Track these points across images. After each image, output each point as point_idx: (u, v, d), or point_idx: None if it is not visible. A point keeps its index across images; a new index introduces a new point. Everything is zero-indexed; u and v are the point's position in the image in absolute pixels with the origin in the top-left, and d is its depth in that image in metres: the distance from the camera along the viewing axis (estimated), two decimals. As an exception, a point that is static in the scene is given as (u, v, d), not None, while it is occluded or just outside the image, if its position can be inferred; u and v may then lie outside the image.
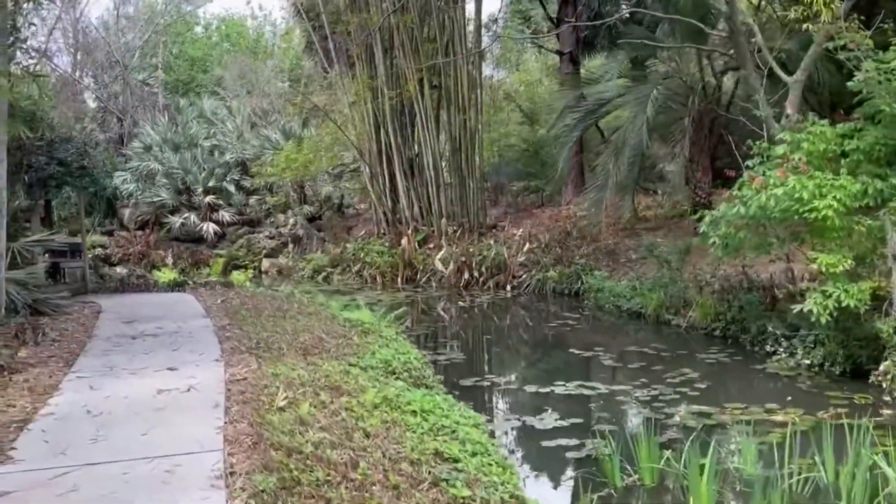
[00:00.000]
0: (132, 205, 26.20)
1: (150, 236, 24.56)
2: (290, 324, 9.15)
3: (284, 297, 12.27)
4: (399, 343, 8.29)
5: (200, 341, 8.20)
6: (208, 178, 25.66)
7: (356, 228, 25.18)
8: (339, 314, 10.18)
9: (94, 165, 12.70)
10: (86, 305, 11.25)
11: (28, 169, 11.44)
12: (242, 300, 11.94)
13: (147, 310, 10.80)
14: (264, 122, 27.95)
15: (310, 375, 6.40)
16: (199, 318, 9.93)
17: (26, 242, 10.04)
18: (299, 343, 7.89)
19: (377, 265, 19.81)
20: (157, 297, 12.43)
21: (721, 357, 9.48)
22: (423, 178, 21.49)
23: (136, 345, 8.05)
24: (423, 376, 7.16)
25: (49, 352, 7.70)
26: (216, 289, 13.34)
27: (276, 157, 23.24)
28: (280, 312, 10.27)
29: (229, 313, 10.32)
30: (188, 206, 25.64)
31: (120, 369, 6.83)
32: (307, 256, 22.62)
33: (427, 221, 21.32)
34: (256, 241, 24.70)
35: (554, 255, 17.02)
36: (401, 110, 21.43)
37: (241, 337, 8.34)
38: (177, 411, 5.46)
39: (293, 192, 25.45)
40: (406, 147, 21.59)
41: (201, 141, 26.88)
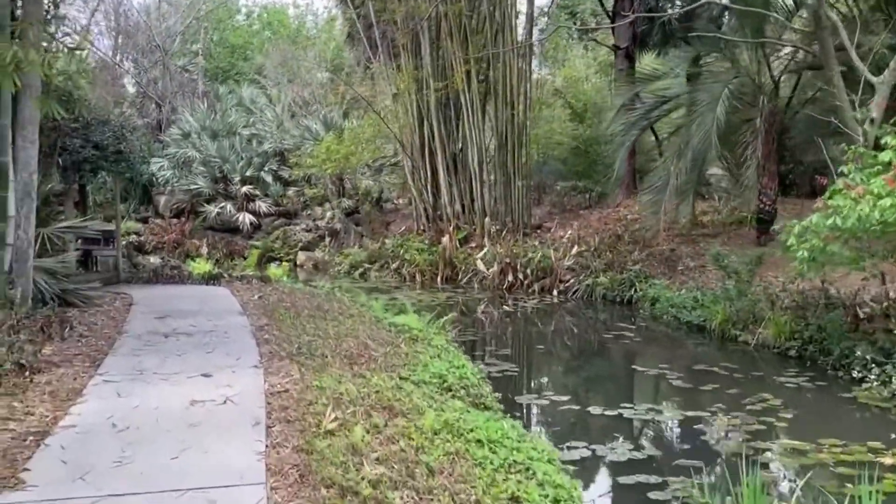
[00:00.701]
0: (168, 192, 25.89)
1: (185, 225, 24.22)
2: (332, 326, 8.54)
3: (324, 296, 11.68)
4: (452, 354, 7.62)
5: (237, 343, 7.62)
6: (246, 168, 25.24)
7: (394, 224, 24.60)
8: (384, 317, 9.54)
9: (131, 150, 12.23)
10: (117, 297, 10.76)
11: (62, 151, 10.99)
12: (280, 297, 11.38)
13: (181, 304, 10.27)
14: (305, 112, 27.47)
15: (358, 391, 5.75)
16: (236, 316, 9.37)
17: (57, 228, 9.57)
18: (343, 350, 7.26)
19: (416, 263, 19.17)
20: (191, 289, 11.92)
21: (802, 381, 8.65)
22: (466, 174, 20.81)
23: (169, 344, 7.49)
24: (480, 394, 6.49)
25: (76, 349, 7.16)
26: (252, 283, 12.78)
27: (316, 148, 22.71)
28: (321, 313, 9.67)
29: (267, 311, 9.75)
30: (224, 196, 25.27)
31: (150, 373, 6.25)
32: (344, 251, 22.08)
33: (469, 219, 20.65)
34: (293, 233, 24.23)
35: (605, 260, 16.22)
36: (445, 103, 20.76)
37: (281, 339, 7.74)
38: (212, 429, 4.84)
39: (331, 185, 24.93)
40: (450, 141, 20.92)
41: (240, 129, 26.48)
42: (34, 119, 7.74)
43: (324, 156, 21.61)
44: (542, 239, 19.00)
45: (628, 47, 20.74)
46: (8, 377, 5.77)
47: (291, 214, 25.75)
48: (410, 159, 21.41)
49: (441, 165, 20.63)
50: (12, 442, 4.55)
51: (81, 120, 11.51)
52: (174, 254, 23.08)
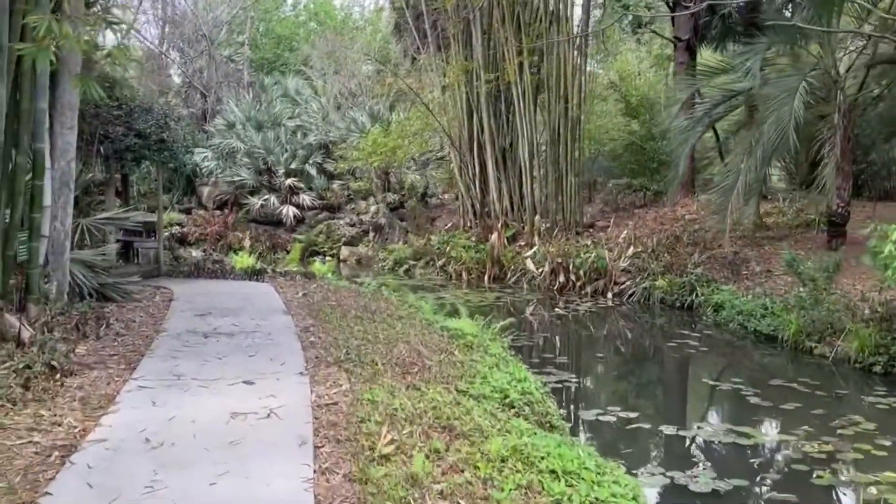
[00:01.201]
0: (212, 183, 25.76)
1: (228, 217, 24.04)
2: (381, 330, 8.04)
3: (371, 295, 11.22)
4: (511, 364, 7.06)
5: (281, 346, 7.17)
6: (290, 160, 24.97)
7: (440, 220, 24.10)
8: (435, 320, 9.02)
9: (174, 139, 11.91)
10: (157, 291, 10.44)
11: (104, 140, 10.69)
12: (325, 294, 10.95)
13: (222, 301, 9.89)
14: (350, 104, 27.10)
15: (414, 406, 5.24)
16: (279, 315, 8.94)
17: (97, 219, 9.26)
18: (395, 357, 6.76)
19: (463, 261, 18.62)
20: (233, 285, 11.56)
21: (894, 403, 7.89)
22: (515, 169, 20.19)
23: (209, 346, 7.07)
24: (546, 412, 5.91)
25: (111, 349, 6.78)
26: (296, 279, 12.39)
27: (361, 141, 22.28)
28: (368, 313, 9.19)
29: (312, 311, 9.31)
30: (268, 188, 25.03)
31: (189, 379, 5.82)
32: (388, 247, 21.63)
33: (517, 216, 20.03)
34: (336, 227, 23.87)
35: (663, 262, 15.46)
36: (496, 95, 20.15)
37: (327, 343, 7.26)
38: (254, 448, 4.37)
39: (377, 179, 24.51)
40: (499, 135, 20.31)
41: (285, 121, 26.21)
42: (73, 104, 7.38)
43: (370, 149, 21.16)
44: (595, 238, 18.29)
45: (689, 39, 19.88)
46: (38, 380, 5.38)
47: (335, 208, 25.41)
48: (458, 153, 20.86)
49: (490, 160, 20.04)
50: (35, 458, 4.14)
51: (124, 107, 11.21)
52: (217, 246, 22.92)
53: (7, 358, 5.58)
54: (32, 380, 5.33)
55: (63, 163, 7.37)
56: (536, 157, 19.53)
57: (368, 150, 21.29)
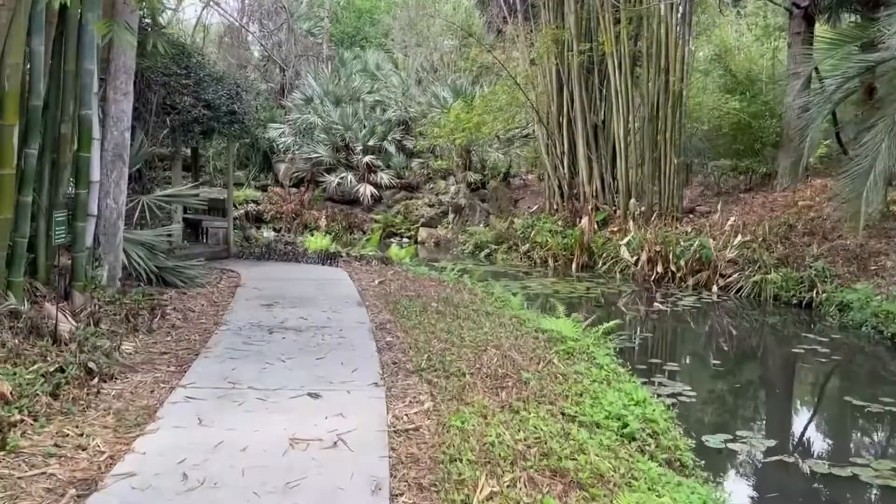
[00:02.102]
0: (288, 160, 25.28)
1: (304, 194, 23.51)
2: (467, 329, 7.07)
3: (452, 285, 10.27)
4: (624, 379, 5.97)
5: (353, 346, 6.29)
6: (368, 137, 24.21)
7: (523, 201, 22.94)
8: (527, 318, 7.99)
9: (246, 112, 11.19)
10: (223, 275, 9.76)
11: (171, 110, 10.03)
12: (403, 283, 10.07)
13: (292, 288, 9.12)
14: (432, 78, 26.13)
15: (513, 437, 4.24)
16: (353, 307, 8.09)
17: (159, 196, 8.59)
18: (484, 365, 5.77)
19: (549, 247, 17.48)
20: (305, 270, 10.81)
21: None
22: (608, 148, 18.85)
23: (273, 344, 6.24)
24: (675, 446, 4.82)
25: (163, 345, 6.03)
26: (372, 264, 11.56)
27: (443, 117, 21.24)
28: (451, 308, 8.24)
29: (388, 302, 8.43)
30: (346, 166, 24.37)
31: (245, 387, 4.99)
32: (469, 229, 20.64)
33: (609, 199, 18.72)
34: (414, 207, 23.03)
35: (776, 254, 13.96)
36: (589, 68, 18.80)
37: (406, 345, 6.34)
38: (315, 493, 3.46)
39: (457, 158, 23.49)
40: (591, 111, 18.98)
41: (364, 96, 25.44)
42: (128, 66, 6.63)
43: (452, 125, 20.11)
44: (696, 225, 16.83)
45: (807, 8, 18.01)
46: (69, 387, 4.63)
47: (414, 188, 24.57)
48: (546, 130, 19.62)
49: (580, 138, 18.75)
50: (46, 497, 3.33)
51: (193, 76, 10.52)
52: (292, 225, 22.45)
53: (39, 358, 4.85)
54: (63, 386, 4.58)
55: (116, 133, 6.64)
56: (632, 135, 18.12)
57: (450, 127, 20.24)
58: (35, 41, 5.14)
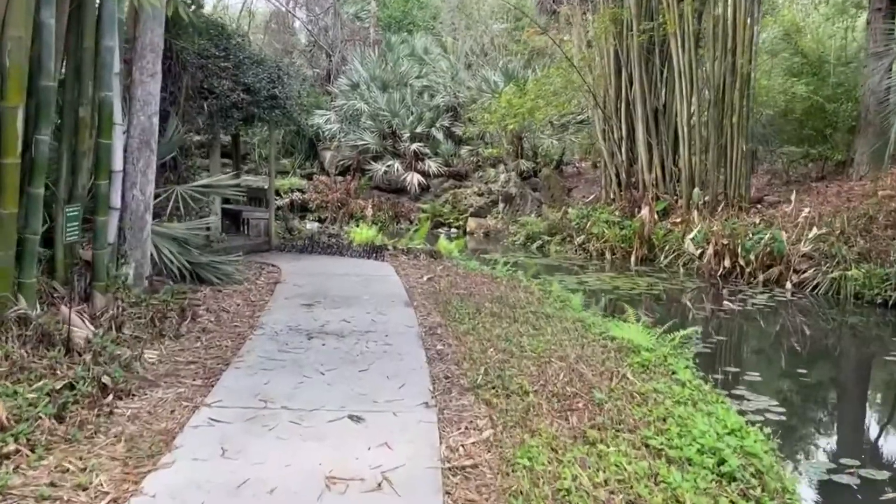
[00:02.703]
0: (334, 147, 24.79)
1: (350, 183, 22.99)
2: (526, 335, 6.38)
3: (506, 282, 9.57)
4: (710, 399, 5.20)
5: (401, 355, 5.65)
6: (416, 123, 23.56)
7: (576, 190, 22.07)
8: (590, 322, 7.25)
9: (288, 96, 10.61)
10: (262, 271, 9.22)
11: (209, 95, 9.50)
12: (453, 280, 9.41)
13: (335, 285, 8.53)
14: (482, 62, 25.32)
15: (592, 480, 3.55)
16: (400, 307, 7.46)
17: (194, 187, 8.06)
18: (549, 381, 5.09)
19: (605, 238, 16.63)
20: (349, 264, 10.22)
21: None
22: (669, 134, 17.87)
23: (311, 352, 5.64)
24: (782, 488, 4.05)
25: (190, 353, 5.47)
26: (420, 258, 10.92)
27: (494, 102, 20.42)
28: (506, 308, 7.56)
29: (438, 302, 7.78)
30: (392, 153, 23.78)
31: (278, 407, 4.39)
32: (520, 219, 19.86)
33: (669, 188, 17.75)
34: (463, 196, 22.33)
35: (857, 248, 12.90)
36: (649, 49, 17.82)
37: (459, 355, 5.68)
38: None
39: (508, 145, 22.68)
40: (652, 94, 18.00)
41: (412, 81, 24.76)
42: (156, 45, 6.07)
43: (503, 110, 19.30)
44: (765, 216, 15.79)
45: (892, -20, 16.73)
46: (78, 406, 4.07)
47: (462, 176, 23.86)
48: (603, 115, 18.72)
49: (640, 122, 17.81)
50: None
51: (232, 58, 9.98)
52: (338, 214, 21.98)
53: (47, 372, 4.31)
54: (70, 406, 4.03)
55: (143, 117, 6.09)
56: (696, 120, 17.11)
57: (502, 112, 19.43)
58: (45, 13, 4.58)
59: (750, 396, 6.85)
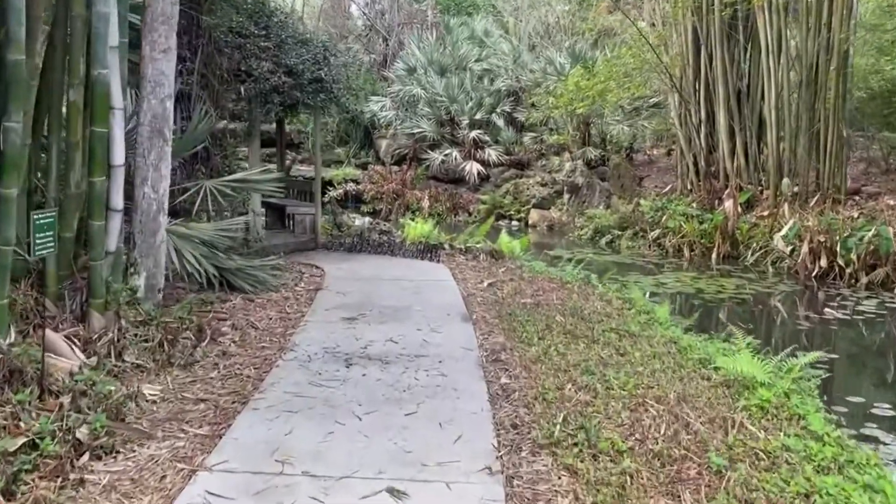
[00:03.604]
0: (390, 136, 23.88)
1: (406, 173, 22.05)
2: (609, 363, 5.27)
3: (578, 287, 8.44)
4: (860, 460, 4.02)
5: (457, 392, 4.63)
6: (475, 109, 22.43)
7: (648, 180, 20.67)
8: (686, 343, 6.09)
9: (335, 79, 9.66)
10: (303, 275, 8.30)
11: (246, 78, 8.61)
12: (517, 285, 8.33)
13: (384, 292, 7.54)
14: (546, 43, 24.02)
15: None
16: (456, 322, 6.42)
17: (225, 181, 7.15)
18: (648, 434, 3.98)
19: (683, 233, 15.28)
20: (400, 266, 9.24)
21: None
22: (754, 118, 16.37)
23: (348, 385, 4.66)
24: None
25: (202, 386, 4.54)
26: (479, 259, 9.87)
27: (560, 85, 19.12)
28: (582, 323, 6.46)
29: (502, 315, 6.71)
30: (450, 141, 22.72)
31: (297, 473, 3.42)
32: (587, 212, 18.61)
33: (753, 178, 16.27)
34: (525, 187, 21.14)
35: (980, 248, 11.36)
36: (732, 24, 16.32)
37: (529, 392, 4.63)
38: None
39: (574, 131, 21.37)
40: (735, 74, 16.48)
41: (471, 64, 23.62)
42: (169, 15, 5.14)
43: (571, 94, 18.01)
44: (863, 209, 14.23)
45: None
46: (39, 473, 3.15)
47: (524, 165, 22.66)
48: (680, 97, 17.29)
49: (721, 106, 16.34)
50: None
51: (274, 38, 9.06)
52: (393, 205, 21.08)
53: (9, 423, 3.41)
54: (26, 476, 3.11)
55: (154, 101, 5.18)
56: (785, 102, 15.57)
57: (569, 96, 18.14)
58: (12, -31, 3.71)
59: (886, 438, 5.60)
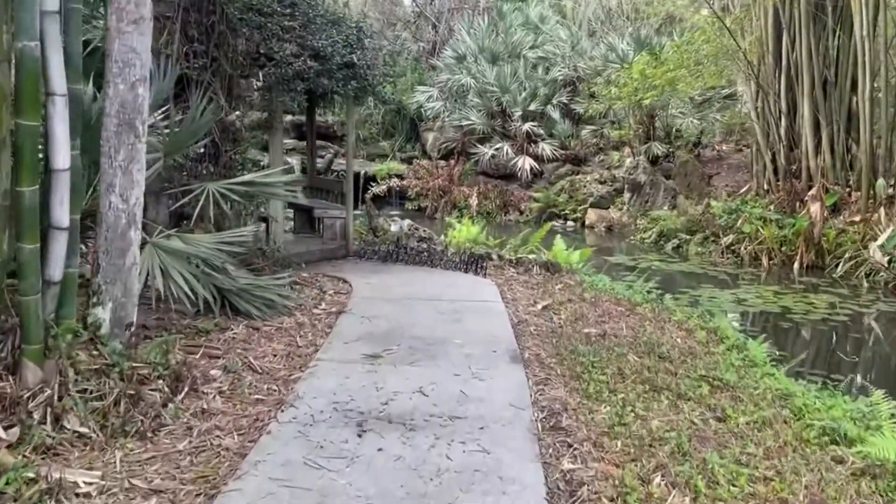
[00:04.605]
0: (437, 128, 22.69)
1: (453, 168, 20.86)
2: (708, 436, 4.02)
3: (652, 312, 7.17)
4: None
5: (503, 483, 3.42)
6: (529, 100, 21.08)
7: (717, 178, 19.09)
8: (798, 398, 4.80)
9: (370, 65, 8.52)
10: (326, 291, 7.18)
11: (267, 62, 7.53)
12: (577, 309, 7.09)
13: (418, 318, 6.38)
14: (607, 29, 22.56)
15: None
16: (504, 363, 5.21)
17: (231, 184, 6.06)
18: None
19: (761, 240, 13.79)
20: (441, 282, 8.06)
21: None
22: (842, 111, 14.75)
23: (356, 469, 3.50)
24: None
25: (156, 471, 3.42)
26: (532, 273, 8.65)
27: (623, 74, 17.63)
28: (662, 366, 5.20)
29: (560, 354, 5.50)
30: (501, 135, 21.43)
31: None
32: (651, 213, 17.18)
33: (841, 178, 14.66)
34: (581, 184, 19.75)
35: None
36: (820, 6, 14.70)
37: (604, 491, 3.40)
38: None
39: (636, 124, 19.86)
40: (821, 62, 14.88)
41: (525, 51, 22.26)
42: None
43: (636, 83, 16.53)
44: (973, 215, 12.59)
45: None
46: None
47: (580, 160, 21.25)
48: (758, 87, 15.73)
49: (805, 97, 14.75)
50: None
51: (300, 17, 7.95)
52: (439, 203, 19.95)
53: None
54: None
55: (122, 86, 4.10)
56: (884, 93, 13.91)
57: (634, 85, 16.64)
58: None
59: None
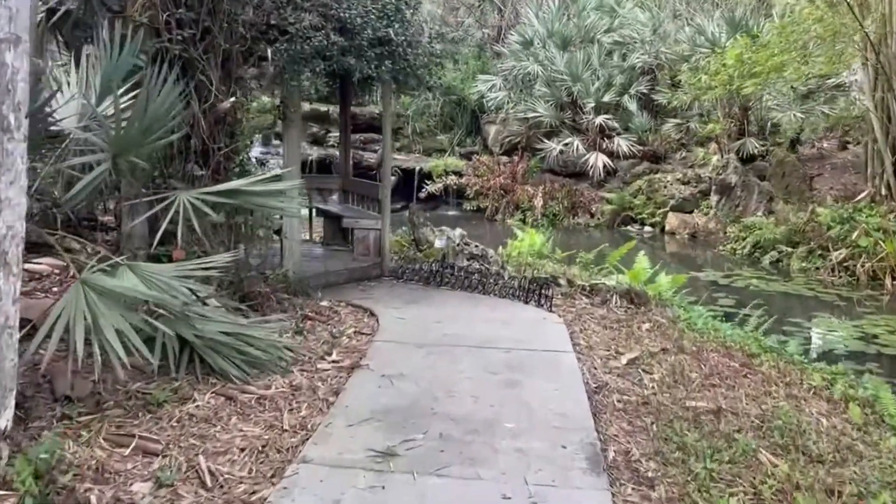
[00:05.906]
0: (500, 121, 20.97)
1: (517, 165, 19.15)
2: None
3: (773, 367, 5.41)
4: None
5: None
6: (603, 90, 19.16)
7: (819, 180, 16.88)
8: None
9: (411, 42, 6.93)
10: (343, 331, 5.61)
11: (279, 36, 6.02)
12: (676, 366, 5.35)
13: (457, 378, 4.76)
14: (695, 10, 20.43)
15: None
16: (576, 472, 3.55)
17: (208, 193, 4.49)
18: None
19: (881, 256, 11.73)
20: (493, 316, 6.41)
21: None
22: (983, 104, 12.53)
23: None
24: None
25: None
26: (610, 305, 6.92)
27: (714, 60, 15.50)
28: (812, 474, 3.47)
29: (660, 452, 3.80)
30: (571, 128, 19.60)
31: None
32: (743, 220, 15.16)
33: (978, 183, 12.46)
34: (661, 184, 17.80)
35: None
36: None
37: None
38: None
39: (726, 118, 17.73)
40: (957, 46, 12.68)
41: (599, 36, 20.35)
42: None
43: (731, 70, 14.37)
44: None
45: None
46: None
47: (659, 158, 19.26)
48: (878, 75, 13.53)
49: (936, 87, 12.58)
50: None
51: (322, -20, 6.42)
52: (500, 203, 18.32)
53: None
54: None
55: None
56: None
57: (729, 73, 14.51)
58: None
59: None
